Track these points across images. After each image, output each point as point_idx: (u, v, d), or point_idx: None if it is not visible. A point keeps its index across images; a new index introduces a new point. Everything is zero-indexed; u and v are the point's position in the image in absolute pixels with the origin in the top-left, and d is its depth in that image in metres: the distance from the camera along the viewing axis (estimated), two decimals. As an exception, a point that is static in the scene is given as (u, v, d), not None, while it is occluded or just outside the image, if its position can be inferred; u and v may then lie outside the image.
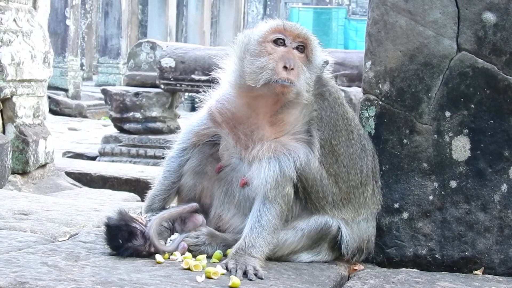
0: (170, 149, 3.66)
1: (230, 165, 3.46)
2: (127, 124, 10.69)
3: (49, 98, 14.94)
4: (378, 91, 3.72)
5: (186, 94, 16.47)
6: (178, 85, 10.37)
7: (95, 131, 14.73)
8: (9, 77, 6.46)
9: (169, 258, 3.24)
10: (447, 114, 3.64)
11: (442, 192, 3.65)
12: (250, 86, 3.29)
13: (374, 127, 3.72)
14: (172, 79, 10.34)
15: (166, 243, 3.33)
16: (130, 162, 10.16)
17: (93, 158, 10.54)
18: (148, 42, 11.65)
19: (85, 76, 26.47)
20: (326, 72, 3.51)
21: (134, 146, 10.60)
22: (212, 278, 3.00)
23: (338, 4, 36.67)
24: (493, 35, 3.59)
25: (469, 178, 3.63)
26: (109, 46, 25.95)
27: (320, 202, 3.41)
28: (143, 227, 3.28)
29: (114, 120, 10.83)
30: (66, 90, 20.56)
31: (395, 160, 3.70)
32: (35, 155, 6.80)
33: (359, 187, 3.51)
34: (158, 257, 3.19)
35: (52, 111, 16.30)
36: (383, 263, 3.70)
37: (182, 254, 3.26)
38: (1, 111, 6.61)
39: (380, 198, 3.64)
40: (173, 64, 10.29)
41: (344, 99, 3.55)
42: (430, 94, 3.65)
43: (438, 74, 3.65)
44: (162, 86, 10.51)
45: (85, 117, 18.39)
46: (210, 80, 3.60)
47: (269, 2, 36.25)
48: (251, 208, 3.34)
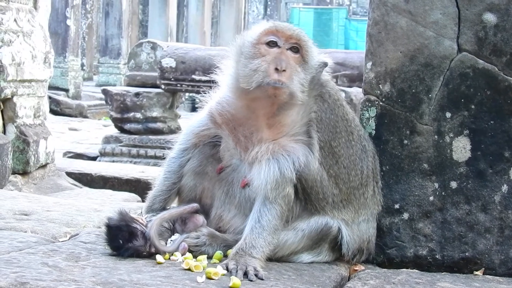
0: (171, 150, 3.67)
1: (231, 165, 3.46)
2: (128, 124, 10.69)
3: (49, 98, 14.94)
4: (378, 92, 3.72)
5: (187, 94, 16.46)
6: (178, 85, 10.36)
7: (96, 131, 14.73)
8: (9, 77, 6.46)
9: (169, 259, 3.24)
10: (448, 114, 3.64)
11: (443, 192, 3.65)
12: (245, 88, 3.29)
13: (374, 128, 3.72)
14: (172, 79, 10.34)
15: (166, 244, 3.33)
16: (131, 162, 10.15)
17: (93, 158, 10.54)
18: (148, 42, 11.65)
19: (85, 76, 26.48)
20: (325, 73, 3.50)
21: (135, 146, 10.60)
22: (212, 279, 3.00)
23: (339, 4, 36.68)
24: (493, 36, 3.59)
25: (469, 179, 3.63)
26: (109, 46, 25.95)
27: (320, 203, 3.41)
28: (144, 228, 3.28)
29: (115, 120, 10.83)
30: (66, 90, 20.56)
31: (396, 160, 3.70)
32: (36, 155, 6.80)
33: (360, 188, 3.51)
34: (159, 257, 3.19)
35: (52, 111, 16.30)
36: (384, 264, 3.70)
37: (182, 255, 3.26)
38: (1, 111, 6.61)
39: (380, 199, 3.64)
40: (173, 64, 10.28)
41: (344, 100, 3.55)
42: (430, 95, 3.65)
43: (439, 74, 3.65)
44: (163, 87, 10.50)
45: (85, 117, 18.39)
46: (210, 80, 3.60)
47: (269, 3, 36.25)
48: (252, 208, 3.34)
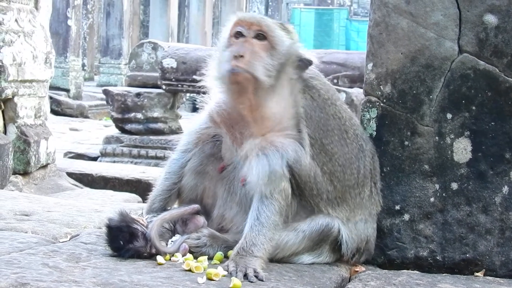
0: (173, 151, 3.68)
1: (232, 164, 3.47)
2: (129, 124, 10.69)
3: (50, 98, 14.96)
4: (379, 93, 3.72)
5: (188, 94, 16.45)
6: (179, 85, 10.35)
7: (97, 132, 14.73)
8: (10, 77, 6.46)
9: (170, 260, 3.24)
10: (449, 116, 3.64)
11: (443, 194, 3.65)
12: (220, 82, 3.39)
13: (375, 129, 3.72)
14: (173, 80, 10.33)
15: (167, 245, 3.33)
16: (132, 162, 10.15)
17: (94, 159, 10.54)
18: (149, 42, 11.65)
19: (86, 76, 26.47)
20: (314, 70, 3.51)
21: (136, 146, 10.60)
22: (213, 280, 2.99)
23: (340, 5, 36.71)
24: (494, 37, 3.59)
25: (470, 180, 3.63)
26: (110, 47, 25.95)
27: (314, 199, 3.41)
28: (144, 229, 3.28)
29: (116, 120, 10.83)
30: (67, 91, 20.56)
31: (396, 162, 3.69)
32: (37, 156, 6.80)
33: (355, 188, 3.49)
34: (159, 258, 3.19)
35: (53, 112, 16.30)
36: (384, 265, 3.70)
37: (183, 256, 3.26)
38: (2, 112, 6.62)
39: (379, 200, 3.63)
40: (174, 64, 10.28)
41: (338, 100, 3.53)
42: (431, 96, 3.65)
43: (440, 76, 3.65)
44: (164, 87, 10.50)
45: (86, 117, 18.39)
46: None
47: (270, 3, 36.27)
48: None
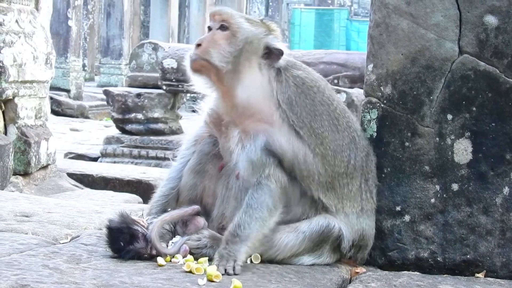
0: (173, 152, 3.72)
1: (231, 161, 3.48)
2: (129, 125, 10.69)
3: (51, 99, 14.93)
4: (380, 94, 3.72)
5: (188, 95, 16.46)
6: (180, 86, 10.35)
7: (97, 132, 14.73)
8: (11, 78, 6.46)
9: (170, 261, 3.24)
10: (449, 117, 3.64)
11: (444, 195, 3.65)
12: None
13: (376, 130, 3.72)
14: (174, 80, 10.33)
15: (167, 246, 3.33)
16: (132, 163, 10.15)
17: (95, 159, 10.54)
18: (150, 43, 11.66)
19: (87, 77, 26.48)
20: (299, 63, 3.58)
21: (136, 147, 10.60)
22: (213, 281, 2.99)
23: (340, 5, 36.68)
24: (494, 38, 3.58)
25: (471, 181, 3.62)
26: (111, 47, 25.96)
27: (305, 181, 3.42)
28: (145, 230, 3.28)
29: (116, 121, 10.83)
30: (68, 91, 20.57)
31: (397, 162, 3.69)
32: (37, 156, 6.80)
33: (344, 177, 3.49)
34: (160, 260, 3.19)
35: (54, 112, 16.29)
36: (385, 266, 3.70)
37: (183, 257, 3.25)
38: (3, 112, 6.62)
39: (372, 197, 3.60)
40: (175, 65, 10.28)
41: (326, 89, 3.54)
42: (432, 97, 3.65)
43: (440, 77, 3.64)
44: (164, 87, 10.50)
45: (87, 118, 18.39)
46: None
47: (271, 3, 36.24)
48: None
